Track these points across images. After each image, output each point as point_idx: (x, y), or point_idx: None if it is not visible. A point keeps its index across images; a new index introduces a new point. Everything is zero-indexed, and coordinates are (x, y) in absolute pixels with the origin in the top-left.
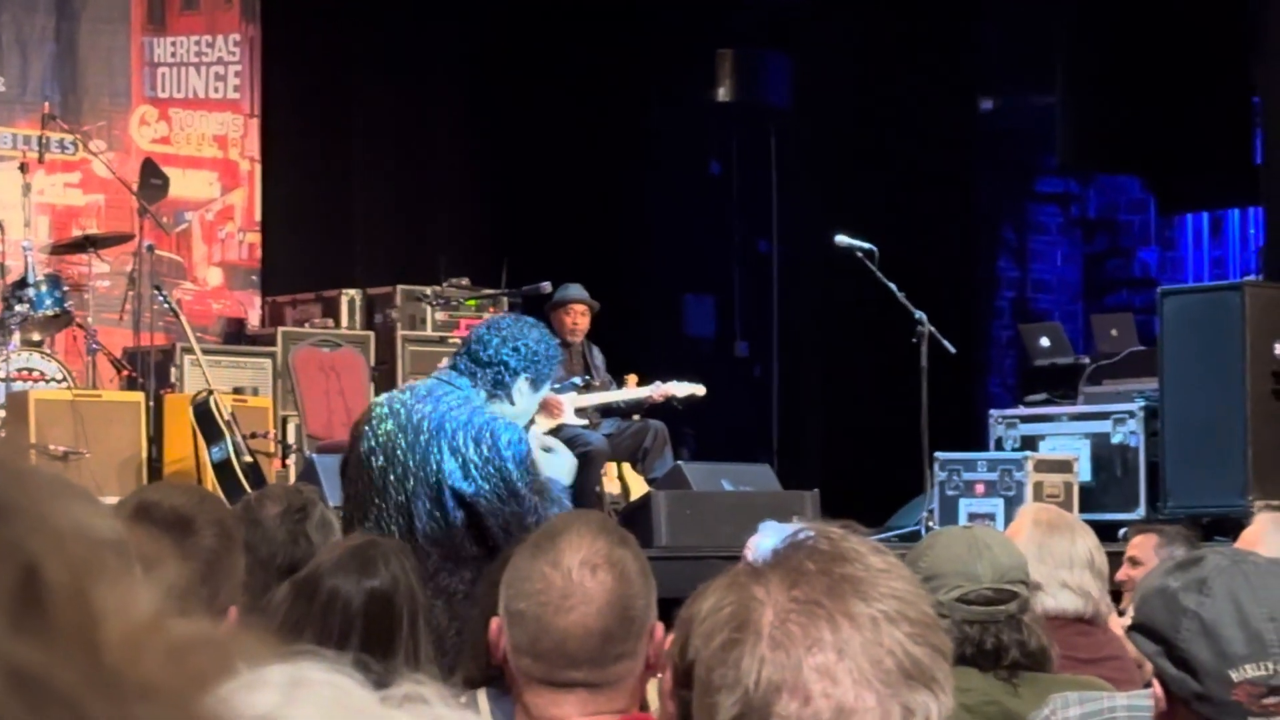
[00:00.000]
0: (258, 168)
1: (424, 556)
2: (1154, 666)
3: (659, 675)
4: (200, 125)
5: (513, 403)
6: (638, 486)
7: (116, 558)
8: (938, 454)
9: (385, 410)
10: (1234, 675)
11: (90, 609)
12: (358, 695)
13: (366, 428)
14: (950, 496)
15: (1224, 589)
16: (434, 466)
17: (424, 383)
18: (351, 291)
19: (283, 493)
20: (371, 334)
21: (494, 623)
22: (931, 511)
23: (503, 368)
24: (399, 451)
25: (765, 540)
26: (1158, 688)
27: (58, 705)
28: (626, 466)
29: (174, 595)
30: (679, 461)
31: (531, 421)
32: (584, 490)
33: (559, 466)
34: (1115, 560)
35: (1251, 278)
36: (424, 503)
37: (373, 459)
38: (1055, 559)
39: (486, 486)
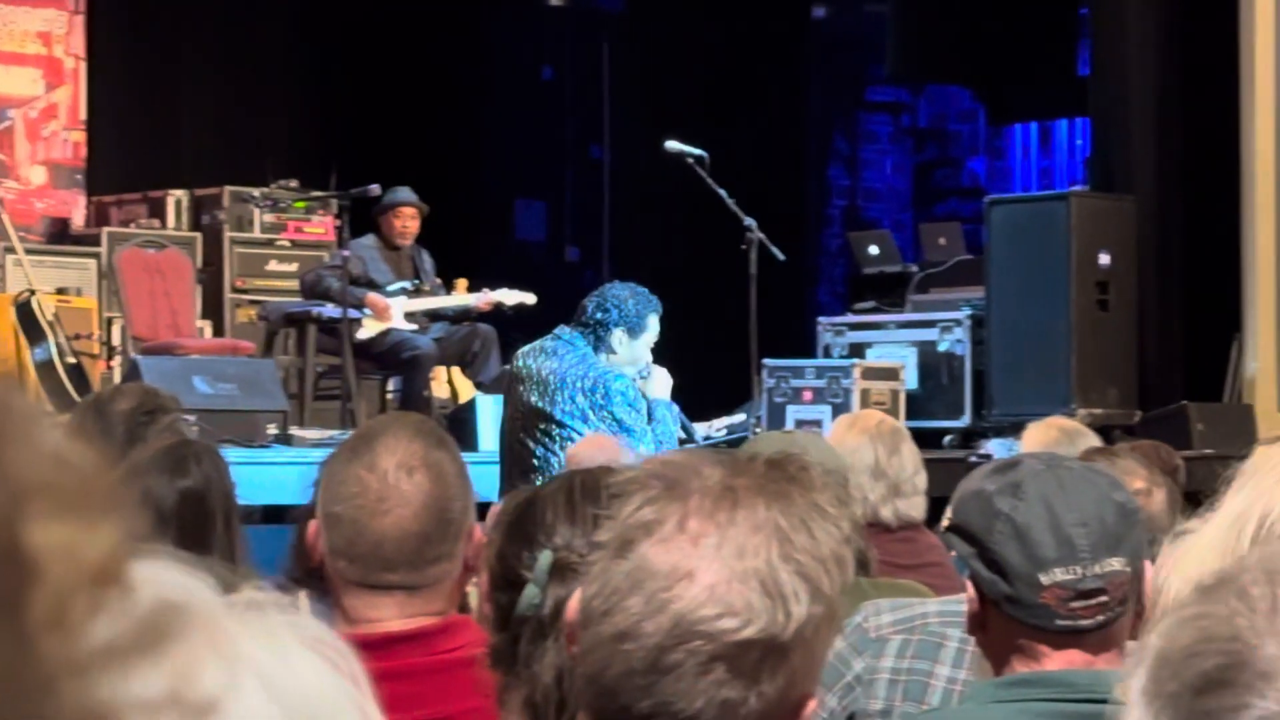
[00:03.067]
0: (83, 65)
1: None
2: (968, 568)
3: (476, 579)
4: (23, 21)
5: (615, 352)
6: (466, 390)
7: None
8: (766, 360)
9: (520, 367)
10: (1043, 579)
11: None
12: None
13: (511, 383)
14: (778, 403)
15: (1037, 493)
16: (560, 414)
17: (548, 342)
18: (178, 192)
19: (139, 392)
20: (198, 235)
21: (311, 525)
22: (759, 418)
23: (599, 326)
24: (534, 400)
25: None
26: (970, 589)
27: None
28: (455, 371)
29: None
30: (507, 366)
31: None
32: (412, 394)
33: (660, 386)
34: (934, 469)
35: (1078, 188)
36: (557, 444)
37: (516, 409)
38: None
39: (601, 427)
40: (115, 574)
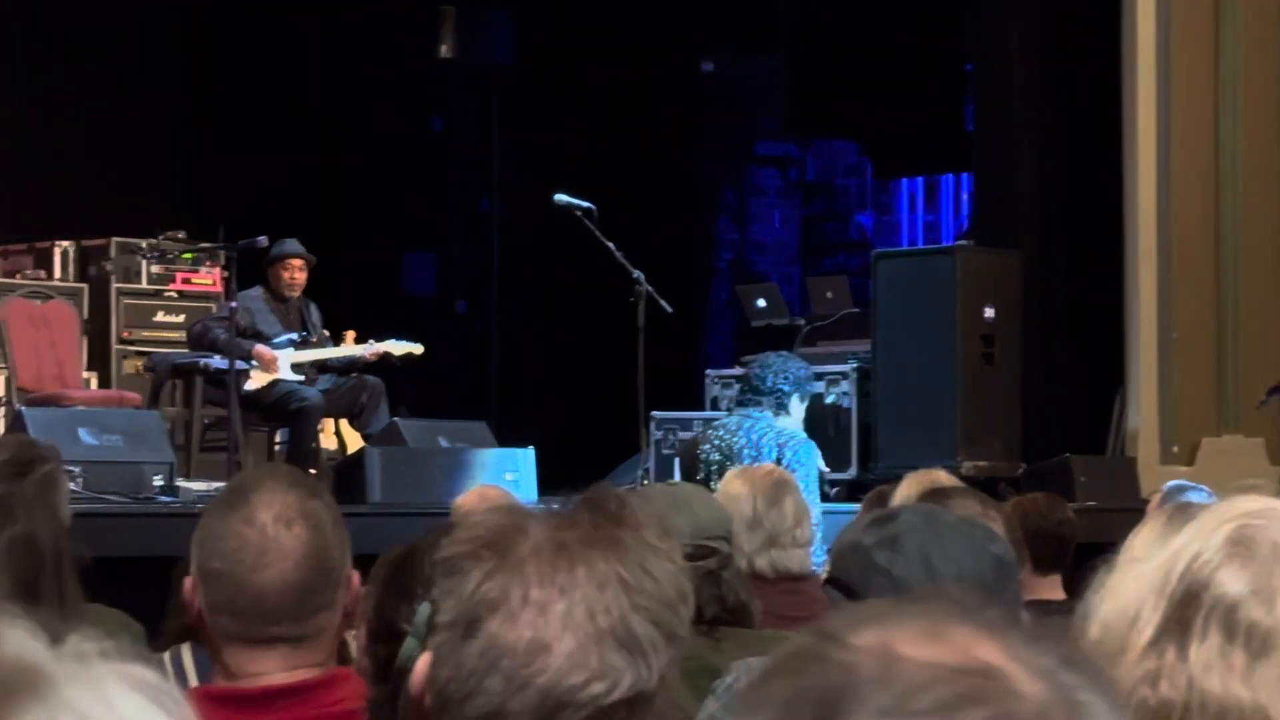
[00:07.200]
0: None
1: None
2: None
3: (355, 629)
4: None
5: (789, 414)
6: (354, 442)
7: None
8: (654, 413)
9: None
10: None
11: None
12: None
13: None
14: (666, 455)
15: (915, 547)
16: None
17: (731, 419)
18: (65, 243)
19: (15, 445)
20: (85, 286)
21: (187, 582)
22: (648, 470)
23: (781, 395)
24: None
25: None
26: None
27: None
28: (344, 423)
29: None
30: (395, 418)
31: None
32: (300, 446)
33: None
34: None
35: (963, 242)
36: None
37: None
38: None
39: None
40: None
